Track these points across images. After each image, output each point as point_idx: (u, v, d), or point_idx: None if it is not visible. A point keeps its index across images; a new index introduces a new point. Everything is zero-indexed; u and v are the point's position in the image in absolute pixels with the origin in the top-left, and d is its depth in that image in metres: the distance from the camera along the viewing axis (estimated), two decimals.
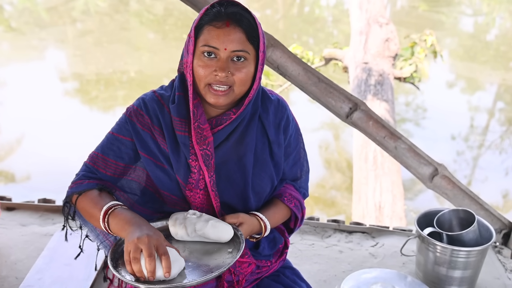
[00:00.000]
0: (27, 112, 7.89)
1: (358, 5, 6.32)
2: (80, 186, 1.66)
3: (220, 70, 1.52)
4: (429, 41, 6.37)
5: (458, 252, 2.36)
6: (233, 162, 1.67)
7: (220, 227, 1.58)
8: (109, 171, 1.69)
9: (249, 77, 1.58)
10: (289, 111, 1.79)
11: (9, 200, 3.01)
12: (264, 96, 1.73)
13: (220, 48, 1.52)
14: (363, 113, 2.62)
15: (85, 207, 1.64)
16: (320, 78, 2.56)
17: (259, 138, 1.70)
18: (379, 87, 5.69)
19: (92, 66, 9.94)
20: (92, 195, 1.64)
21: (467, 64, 11.13)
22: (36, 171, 6.72)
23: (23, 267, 2.42)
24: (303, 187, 1.89)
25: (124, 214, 1.55)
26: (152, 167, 1.66)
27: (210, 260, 1.53)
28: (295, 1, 15.87)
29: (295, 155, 1.82)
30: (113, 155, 1.68)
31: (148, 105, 1.66)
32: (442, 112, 8.74)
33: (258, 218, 1.71)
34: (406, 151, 2.68)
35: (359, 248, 2.77)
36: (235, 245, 1.58)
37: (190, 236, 1.59)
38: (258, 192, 1.72)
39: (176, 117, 1.63)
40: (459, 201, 2.77)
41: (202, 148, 1.62)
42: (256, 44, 1.57)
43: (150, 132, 1.65)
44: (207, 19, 1.54)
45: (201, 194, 1.66)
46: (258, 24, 1.58)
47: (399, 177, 5.19)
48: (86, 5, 14.15)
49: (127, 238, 1.45)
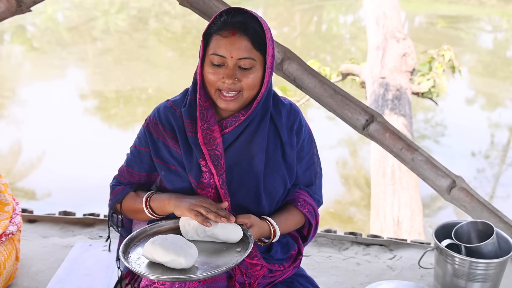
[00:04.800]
0: (48, 130, 8.03)
1: (375, 20, 6.34)
2: (118, 195, 1.82)
3: (227, 77, 1.61)
4: (447, 56, 6.37)
5: (477, 264, 2.34)
6: (245, 162, 1.71)
7: (230, 228, 1.60)
8: (133, 180, 1.83)
9: (257, 81, 1.65)
10: (302, 116, 1.83)
11: (31, 212, 3.07)
12: (277, 100, 1.79)
13: (227, 56, 1.61)
14: (379, 125, 2.63)
15: (128, 208, 1.80)
16: (336, 90, 2.58)
17: (272, 139, 1.75)
18: (396, 101, 5.68)
19: (112, 83, 10.10)
20: (130, 196, 1.80)
21: (486, 81, 11.06)
22: (56, 188, 6.80)
23: (44, 277, 2.46)
24: (317, 194, 1.91)
25: (161, 196, 1.72)
26: (165, 172, 1.75)
27: (219, 258, 1.56)
28: (312, 18, 15.97)
29: (308, 159, 1.85)
30: (136, 167, 1.81)
31: (161, 114, 1.76)
32: (461, 129, 8.69)
33: (268, 222, 1.73)
34: (423, 163, 2.68)
35: (377, 261, 2.76)
36: (244, 246, 1.60)
37: (200, 236, 1.62)
38: (271, 192, 1.75)
39: (187, 119, 1.71)
40: (478, 213, 2.75)
41: (211, 149, 1.69)
42: (263, 50, 1.64)
43: (163, 139, 1.74)
44: (215, 28, 1.63)
45: (213, 193, 1.71)
46: (265, 30, 1.64)
47: (417, 192, 5.16)
48: (106, 25, 14.40)
49: (178, 208, 1.62)
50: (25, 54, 12.34)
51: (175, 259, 1.47)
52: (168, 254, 1.47)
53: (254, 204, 1.73)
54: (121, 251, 1.56)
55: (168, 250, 1.47)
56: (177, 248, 1.49)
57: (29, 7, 2.59)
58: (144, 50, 12.36)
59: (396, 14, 6.29)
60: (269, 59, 1.65)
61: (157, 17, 15.50)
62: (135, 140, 1.82)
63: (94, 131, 8.33)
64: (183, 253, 1.48)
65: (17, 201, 2.50)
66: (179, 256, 1.47)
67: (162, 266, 1.50)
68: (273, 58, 1.66)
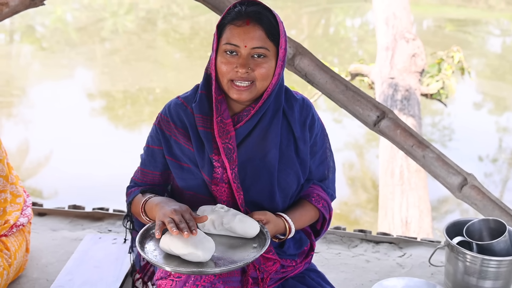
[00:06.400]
0: (55, 130, 8.06)
1: (384, 21, 6.33)
2: (129, 197, 1.82)
3: (240, 66, 1.60)
4: (456, 58, 6.35)
5: (488, 262, 2.32)
6: (258, 158, 1.70)
7: (248, 222, 1.60)
8: (147, 179, 1.81)
9: (270, 72, 1.64)
10: (314, 110, 1.83)
11: (41, 206, 3.08)
12: (289, 94, 1.78)
13: (240, 46, 1.60)
14: (390, 121, 2.62)
15: (134, 210, 1.80)
16: (347, 86, 2.57)
17: (284, 134, 1.74)
18: (405, 102, 5.67)
19: (119, 83, 10.14)
20: (137, 199, 1.77)
21: (495, 84, 11.01)
22: (63, 188, 6.82)
23: (53, 269, 2.47)
24: (330, 188, 1.90)
25: (155, 201, 1.66)
26: (177, 170, 1.74)
27: (235, 253, 1.55)
28: (320, 21, 15.97)
29: (321, 154, 1.84)
30: (150, 166, 1.80)
31: (172, 111, 1.75)
32: (469, 133, 8.65)
33: (283, 219, 1.73)
34: (434, 160, 2.66)
35: (386, 258, 2.75)
36: (260, 242, 1.60)
37: (217, 229, 1.61)
38: (284, 188, 1.74)
39: (198, 114, 1.70)
40: (489, 212, 2.73)
41: (225, 142, 1.67)
42: (277, 41, 1.63)
43: (175, 136, 1.73)
44: (229, 18, 1.63)
45: (226, 188, 1.70)
46: (279, 22, 1.64)
47: (426, 193, 5.14)
48: (115, 25, 14.46)
49: (157, 214, 1.56)
50: (34, 54, 12.40)
51: (193, 252, 1.46)
52: (186, 246, 1.46)
53: (267, 200, 1.73)
54: (138, 241, 1.55)
55: (186, 243, 1.46)
56: (196, 241, 1.48)
57: (42, 0, 2.60)
58: (152, 50, 12.39)
59: (405, 15, 6.29)
60: (282, 51, 1.64)
61: (165, 19, 15.54)
62: (147, 139, 1.81)
63: (101, 131, 8.36)
64: (201, 246, 1.47)
65: (27, 194, 2.51)
66: (197, 249, 1.46)
67: (178, 258, 1.50)
68: (285, 51, 1.66)
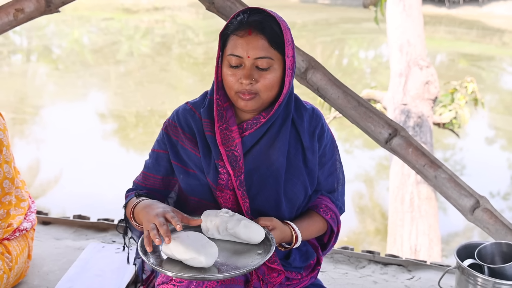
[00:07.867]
0: (66, 150, 8.10)
1: (398, 47, 6.33)
2: (126, 199, 1.77)
3: (244, 77, 1.58)
4: (470, 88, 6.31)
5: (500, 286, 2.24)
6: (265, 167, 1.67)
7: (253, 228, 1.56)
8: (148, 183, 1.78)
9: (274, 82, 1.61)
10: (324, 121, 1.79)
11: (46, 214, 3.06)
12: (299, 104, 1.75)
13: (243, 56, 1.58)
14: (403, 139, 2.58)
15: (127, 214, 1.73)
16: (360, 102, 2.54)
17: (293, 144, 1.71)
18: (417, 129, 5.63)
19: (131, 104, 10.23)
20: (130, 202, 1.72)
21: (507, 120, 10.96)
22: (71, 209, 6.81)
23: (54, 277, 2.43)
24: (339, 200, 1.86)
25: (143, 204, 1.62)
26: (183, 175, 1.71)
27: (239, 259, 1.50)
28: (334, 52, 16.07)
29: (330, 165, 1.80)
30: (153, 170, 1.77)
31: (180, 116, 1.74)
32: (480, 169, 8.58)
33: (290, 227, 1.68)
34: (446, 181, 2.61)
35: (395, 280, 2.67)
36: (265, 248, 1.55)
37: (221, 235, 1.57)
38: (291, 198, 1.70)
39: (206, 119, 1.69)
40: (502, 236, 2.66)
41: (229, 149, 1.65)
42: (282, 49, 1.60)
43: (182, 142, 1.71)
44: (232, 28, 1.61)
45: (231, 195, 1.67)
46: (284, 30, 1.61)
47: (436, 221, 5.05)
48: (130, 49, 14.67)
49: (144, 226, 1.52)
50: (50, 74, 12.58)
51: (195, 257, 1.42)
52: (189, 251, 1.42)
53: (273, 209, 1.69)
54: (140, 245, 1.51)
55: (188, 248, 1.43)
56: (198, 246, 1.44)
57: (58, 7, 2.62)
58: (165, 73, 12.52)
59: (420, 42, 6.28)
60: (289, 59, 1.61)
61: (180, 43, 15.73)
62: (154, 144, 1.80)
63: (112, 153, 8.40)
64: (204, 252, 1.44)
65: (33, 199, 2.49)
66: (199, 255, 1.42)
67: (181, 263, 1.46)
68: (293, 59, 1.63)
